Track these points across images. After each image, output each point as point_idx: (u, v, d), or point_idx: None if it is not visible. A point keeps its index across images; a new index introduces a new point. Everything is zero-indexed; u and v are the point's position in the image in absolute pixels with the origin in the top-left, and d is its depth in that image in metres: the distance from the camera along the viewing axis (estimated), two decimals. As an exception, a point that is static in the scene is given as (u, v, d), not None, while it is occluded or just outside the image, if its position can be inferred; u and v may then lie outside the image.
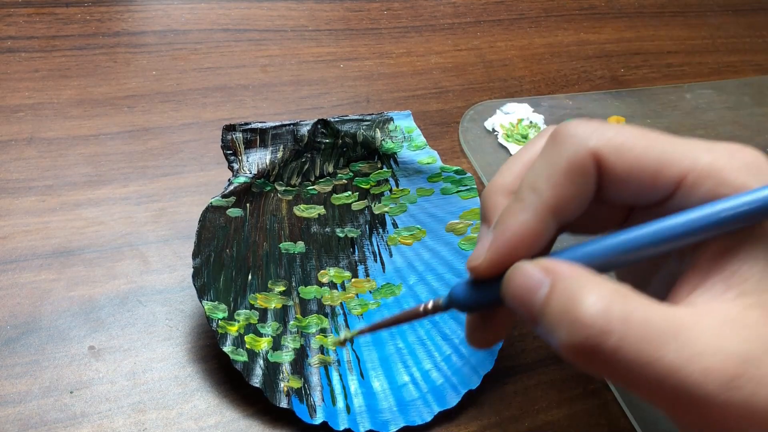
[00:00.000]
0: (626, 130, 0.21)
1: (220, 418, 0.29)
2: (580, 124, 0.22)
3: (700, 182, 0.21)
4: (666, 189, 0.21)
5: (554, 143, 0.22)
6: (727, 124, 0.49)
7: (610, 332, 0.19)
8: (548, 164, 0.22)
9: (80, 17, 0.43)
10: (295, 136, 0.33)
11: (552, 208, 0.21)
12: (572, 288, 0.20)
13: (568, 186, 0.21)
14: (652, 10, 0.57)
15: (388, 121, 0.34)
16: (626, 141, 0.21)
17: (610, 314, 0.19)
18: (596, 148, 0.21)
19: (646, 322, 0.19)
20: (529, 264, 0.21)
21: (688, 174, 0.21)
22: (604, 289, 0.19)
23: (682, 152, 0.21)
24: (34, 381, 0.29)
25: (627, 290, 0.20)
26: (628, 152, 0.21)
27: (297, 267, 0.32)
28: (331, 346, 0.31)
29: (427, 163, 0.34)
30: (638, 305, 0.19)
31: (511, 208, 0.22)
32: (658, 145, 0.21)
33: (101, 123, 0.38)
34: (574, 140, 0.21)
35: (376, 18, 0.49)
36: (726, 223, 0.20)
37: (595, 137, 0.21)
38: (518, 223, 0.21)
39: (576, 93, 0.48)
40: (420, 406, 0.30)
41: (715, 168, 0.21)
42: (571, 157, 0.21)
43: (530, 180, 0.22)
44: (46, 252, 0.33)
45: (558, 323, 0.20)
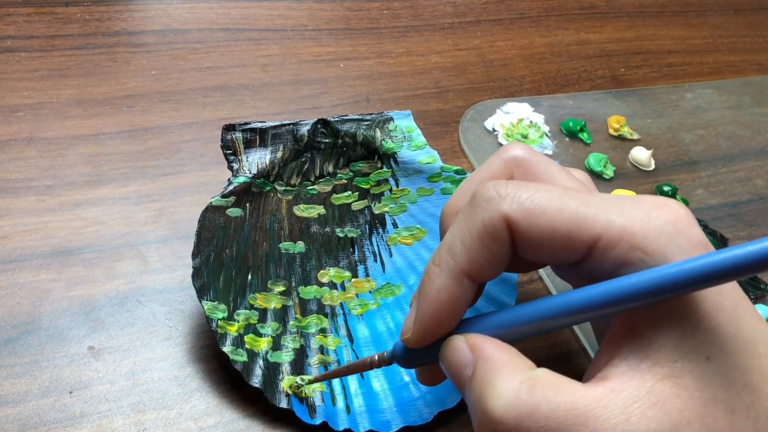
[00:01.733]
0: (541, 192, 0.22)
1: (220, 418, 0.29)
2: (496, 186, 0.22)
3: (612, 246, 0.20)
4: (579, 252, 0.21)
5: (471, 206, 0.22)
6: (728, 123, 0.49)
7: (518, 426, 0.19)
8: (463, 228, 0.22)
9: (80, 17, 0.43)
10: (294, 135, 0.33)
11: (467, 272, 0.22)
12: (486, 377, 0.21)
13: (481, 250, 0.22)
14: (652, 9, 0.57)
15: (388, 120, 0.34)
16: (538, 205, 0.21)
17: (517, 408, 0.20)
18: (508, 214, 0.21)
19: (553, 412, 0.19)
20: (460, 340, 0.22)
21: (600, 237, 0.21)
22: (516, 379, 0.20)
23: (595, 214, 0.21)
24: (34, 381, 0.29)
25: (540, 377, 0.20)
26: (539, 217, 0.21)
27: (297, 267, 0.32)
28: (330, 345, 0.31)
29: (427, 162, 0.34)
30: (546, 395, 0.20)
31: (429, 274, 0.23)
32: (572, 209, 0.21)
33: (101, 123, 0.38)
34: (488, 205, 0.22)
35: (376, 18, 0.49)
36: (637, 299, 0.20)
37: (508, 202, 0.21)
38: (436, 291, 0.22)
39: (576, 93, 0.48)
40: (420, 406, 0.30)
41: (628, 232, 0.20)
42: (485, 222, 0.22)
43: (447, 242, 0.22)
44: (46, 252, 0.33)
45: (474, 410, 0.21)
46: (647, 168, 0.44)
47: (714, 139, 0.48)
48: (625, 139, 0.46)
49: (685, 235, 0.20)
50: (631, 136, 0.46)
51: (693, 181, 0.44)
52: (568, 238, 0.21)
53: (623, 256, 0.20)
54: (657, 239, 0.20)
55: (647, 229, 0.20)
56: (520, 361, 0.21)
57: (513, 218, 0.21)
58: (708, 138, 0.48)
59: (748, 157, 0.47)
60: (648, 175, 0.44)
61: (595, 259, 0.21)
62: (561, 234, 0.21)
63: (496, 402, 0.20)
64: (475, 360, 0.21)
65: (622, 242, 0.20)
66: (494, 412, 0.20)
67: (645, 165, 0.44)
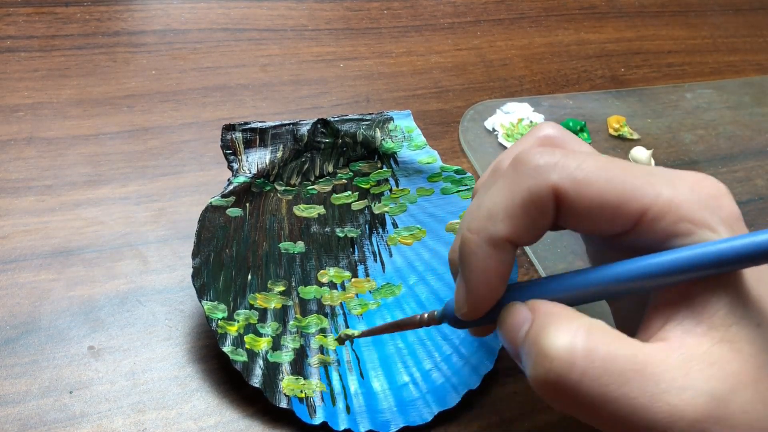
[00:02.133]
0: (589, 162, 0.21)
1: (220, 418, 0.29)
2: (543, 154, 0.21)
3: (660, 217, 0.20)
4: (626, 224, 0.21)
5: (515, 172, 0.21)
6: (728, 123, 0.49)
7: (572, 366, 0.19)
8: (506, 195, 0.21)
9: (80, 17, 0.43)
10: (294, 135, 0.33)
11: (508, 239, 0.21)
12: (543, 324, 0.20)
13: (524, 219, 0.21)
14: (652, 9, 0.57)
15: (388, 120, 0.34)
16: (587, 176, 0.21)
17: (573, 348, 0.19)
18: (557, 184, 0.21)
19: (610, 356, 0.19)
20: (520, 304, 0.22)
21: (648, 209, 0.21)
22: (572, 325, 0.20)
23: (642, 186, 0.21)
24: (34, 381, 0.29)
25: (597, 325, 0.20)
26: (588, 188, 0.21)
27: (297, 267, 0.32)
28: (330, 345, 0.31)
29: (427, 162, 0.34)
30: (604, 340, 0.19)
31: (470, 244, 0.22)
32: (619, 180, 0.21)
33: (101, 123, 0.38)
34: (535, 173, 0.21)
35: (376, 17, 0.49)
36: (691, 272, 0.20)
37: (557, 172, 0.21)
38: (482, 261, 0.22)
39: (576, 92, 0.48)
40: (420, 406, 0.30)
41: (674, 203, 0.20)
42: (531, 190, 0.21)
43: (487, 209, 0.22)
44: (46, 252, 0.33)
45: (527, 356, 0.20)
46: (647, 168, 0.44)
47: (714, 139, 0.48)
48: (625, 139, 0.46)
49: (726, 209, 0.21)
50: (631, 136, 0.46)
51: (693, 181, 0.44)
52: (617, 210, 0.21)
53: (671, 228, 0.20)
54: (701, 212, 0.20)
55: (692, 201, 0.21)
56: (577, 313, 0.21)
57: (562, 188, 0.21)
58: (708, 138, 0.48)
59: (748, 157, 0.47)
60: (648, 175, 0.44)
61: (641, 231, 0.21)
62: (610, 205, 0.21)
63: (552, 342, 0.19)
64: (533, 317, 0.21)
65: (671, 214, 0.20)
66: (550, 350, 0.19)
67: (645, 165, 0.44)
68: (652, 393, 0.19)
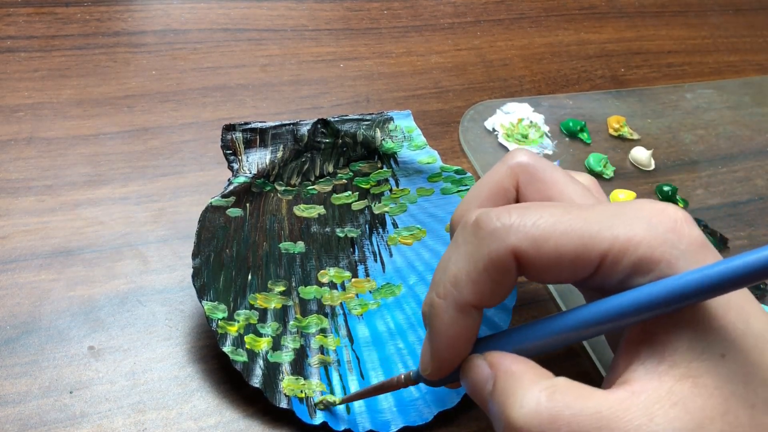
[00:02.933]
0: (545, 216, 0.21)
1: (220, 418, 0.29)
2: (500, 216, 0.22)
3: (619, 259, 0.21)
4: (587, 270, 0.21)
5: (475, 237, 0.22)
6: (728, 123, 0.49)
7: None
8: (469, 260, 0.22)
9: (80, 17, 0.43)
10: (294, 135, 0.33)
11: (473, 303, 0.22)
12: (506, 388, 0.21)
13: (488, 282, 0.22)
14: (652, 9, 0.57)
15: (388, 120, 0.34)
16: (543, 232, 0.21)
17: (539, 416, 0.20)
18: (515, 245, 0.21)
19: (575, 418, 0.19)
20: (479, 359, 0.23)
21: (607, 253, 0.21)
22: (535, 389, 0.20)
23: (599, 232, 0.21)
24: (34, 381, 0.29)
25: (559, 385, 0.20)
26: (545, 243, 0.21)
27: (297, 267, 0.32)
28: (330, 345, 0.31)
29: (427, 162, 0.34)
30: (567, 401, 0.20)
31: (435, 308, 0.23)
32: (576, 230, 0.21)
33: (101, 123, 0.38)
34: (493, 237, 0.21)
35: (376, 18, 0.49)
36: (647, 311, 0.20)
37: (513, 233, 0.21)
38: (446, 326, 0.22)
39: (576, 93, 0.48)
40: (420, 406, 0.30)
41: (632, 243, 0.21)
42: (491, 255, 0.21)
43: (452, 275, 0.22)
44: (46, 252, 0.33)
45: (497, 422, 0.21)
46: (647, 168, 0.44)
47: (714, 139, 0.48)
48: (625, 139, 0.46)
49: (686, 239, 0.21)
50: (631, 136, 0.46)
51: (693, 181, 0.44)
52: (576, 259, 0.21)
53: (631, 267, 0.21)
54: (661, 246, 0.20)
55: (650, 237, 0.21)
56: (538, 371, 0.21)
57: (520, 249, 0.21)
58: (708, 138, 0.48)
59: (748, 157, 0.47)
60: (648, 175, 0.44)
61: (603, 274, 0.21)
62: (569, 257, 0.21)
63: (518, 411, 0.20)
64: (494, 374, 0.22)
65: (628, 254, 0.21)
66: (517, 421, 0.20)
67: (645, 165, 0.44)
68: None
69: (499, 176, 0.26)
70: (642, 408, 0.19)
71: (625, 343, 0.22)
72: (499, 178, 0.26)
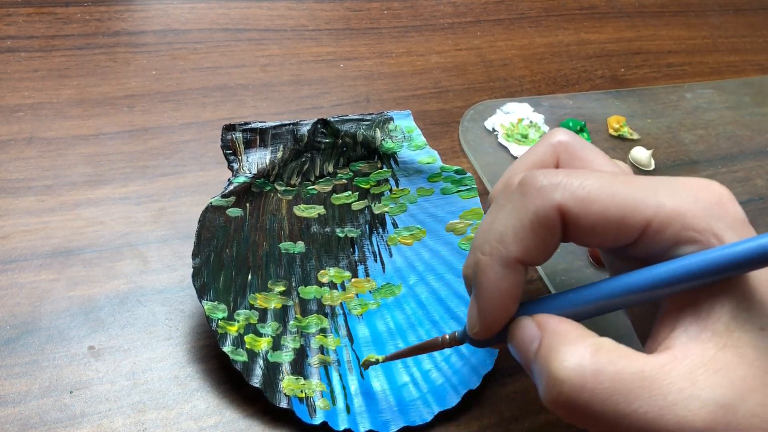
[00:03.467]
0: (591, 179, 0.22)
1: (220, 418, 0.29)
2: (546, 175, 0.22)
3: (664, 228, 0.21)
4: (631, 236, 0.22)
5: (521, 195, 0.22)
6: (728, 123, 0.49)
7: (582, 389, 0.20)
8: (515, 217, 0.22)
9: (80, 17, 0.43)
10: (294, 135, 0.33)
11: (519, 260, 0.22)
12: (552, 344, 0.21)
13: (533, 239, 0.22)
14: (652, 9, 0.57)
15: (388, 120, 0.34)
16: (590, 193, 0.21)
17: (582, 370, 0.20)
18: (561, 203, 0.21)
19: (618, 375, 0.20)
20: (527, 319, 0.23)
21: (652, 220, 0.21)
22: (579, 346, 0.20)
23: (645, 198, 0.21)
24: (34, 381, 0.29)
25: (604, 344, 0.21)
26: (591, 205, 0.21)
27: (297, 267, 0.32)
28: (330, 345, 0.31)
29: (427, 162, 0.34)
30: (611, 358, 0.20)
31: (481, 265, 0.23)
32: (622, 194, 0.21)
33: (101, 123, 0.38)
34: (540, 194, 0.22)
35: (376, 18, 0.49)
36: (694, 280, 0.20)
37: (560, 191, 0.21)
38: (494, 282, 0.22)
39: (576, 93, 0.48)
40: (420, 406, 0.30)
41: (678, 213, 0.21)
42: (537, 212, 0.22)
43: (498, 232, 0.22)
44: (46, 252, 0.33)
45: (538, 377, 0.21)
46: (647, 168, 0.44)
47: (714, 139, 0.48)
48: (625, 139, 0.46)
49: (730, 214, 0.21)
50: (631, 136, 0.46)
51: (693, 181, 0.44)
52: (621, 223, 0.21)
53: (675, 237, 0.21)
54: (705, 219, 0.21)
55: (696, 209, 0.21)
56: (584, 331, 0.21)
57: (566, 207, 0.21)
58: (708, 138, 0.48)
59: (748, 157, 0.47)
60: (648, 175, 0.44)
61: (646, 242, 0.21)
62: (614, 220, 0.21)
63: (561, 364, 0.20)
64: (541, 334, 0.22)
65: (674, 224, 0.21)
66: (559, 373, 0.20)
67: (645, 165, 0.44)
68: (660, 406, 0.19)
69: (540, 153, 0.27)
70: (685, 372, 0.20)
71: (666, 312, 0.22)
72: (541, 155, 0.27)
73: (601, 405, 0.19)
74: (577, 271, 0.37)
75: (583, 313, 0.23)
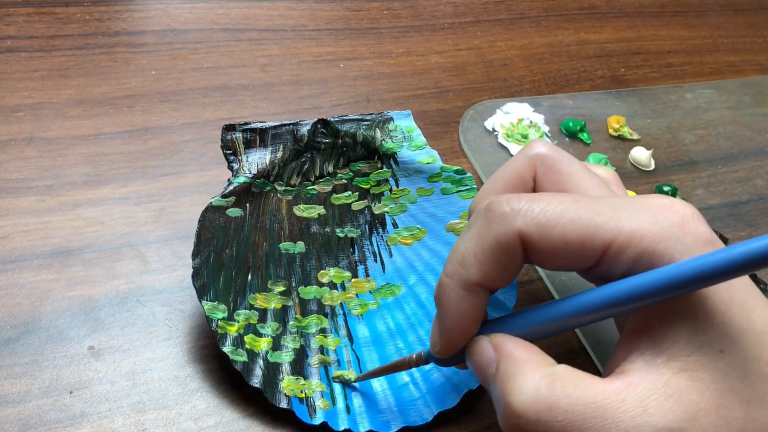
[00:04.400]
0: (553, 204, 0.22)
1: (220, 418, 0.29)
2: (510, 201, 0.22)
3: (622, 251, 0.21)
4: (591, 259, 0.22)
5: (485, 220, 0.23)
6: (728, 123, 0.49)
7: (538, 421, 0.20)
8: (476, 241, 0.23)
9: (80, 17, 0.43)
10: (294, 135, 0.33)
11: (478, 283, 0.23)
12: (508, 372, 0.22)
13: (494, 263, 0.22)
14: (652, 9, 0.57)
15: (388, 120, 0.34)
16: (550, 219, 0.22)
17: (537, 404, 0.20)
18: (522, 229, 0.22)
19: (572, 406, 0.20)
20: (484, 340, 0.23)
21: (611, 244, 0.21)
22: (536, 375, 0.21)
23: (605, 222, 0.21)
24: (34, 381, 0.29)
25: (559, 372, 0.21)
26: (552, 230, 0.22)
27: (297, 267, 0.32)
28: (330, 345, 0.31)
29: (427, 162, 0.34)
30: (565, 390, 0.20)
31: (443, 287, 0.23)
32: (582, 219, 0.22)
33: (101, 123, 0.38)
34: (502, 220, 0.22)
35: (376, 18, 0.49)
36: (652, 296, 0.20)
37: (521, 218, 0.22)
38: (454, 303, 0.23)
39: (576, 93, 0.48)
40: (420, 406, 0.30)
41: (636, 236, 0.21)
42: (498, 237, 0.22)
43: (460, 254, 0.23)
44: (46, 252, 0.33)
45: (497, 404, 0.22)
46: (647, 168, 0.44)
47: (714, 139, 0.48)
48: (625, 139, 0.46)
49: (691, 235, 0.21)
50: (631, 136, 0.46)
51: (693, 181, 0.44)
52: (581, 248, 0.22)
53: (633, 259, 0.21)
54: (665, 241, 0.21)
55: (655, 231, 0.21)
56: (540, 357, 0.22)
57: (527, 233, 0.22)
58: (708, 138, 0.48)
59: (748, 157, 0.47)
60: (648, 175, 0.44)
61: (607, 264, 0.22)
62: (574, 245, 0.22)
63: (517, 397, 0.21)
64: (498, 358, 0.22)
65: (632, 246, 0.21)
66: (516, 406, 0.21)
67: (645, 165, 0.44)
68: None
69: (517, 167, 0.27)
70: (637, 399, 0.20)
71: (626, 334, 0.22)
72: (518, 169, 0.27)
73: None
74: (577, 271, 0.37)
75: (541, 332, 0.23)
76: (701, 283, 0.20)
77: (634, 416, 0.20)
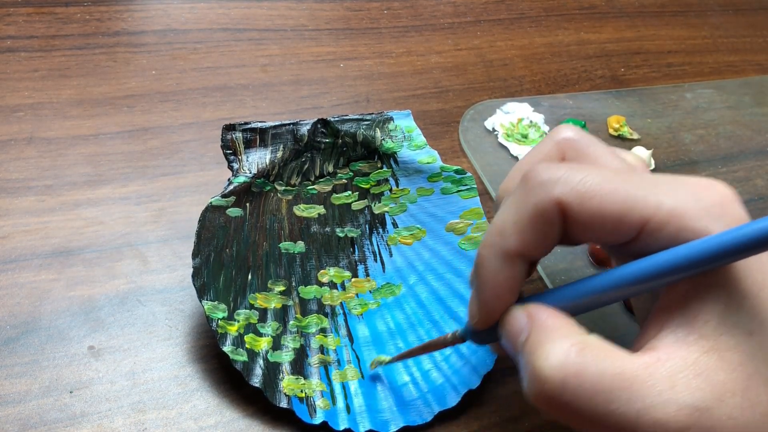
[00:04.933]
0: (593, 174, 0.22)
1: (220, 418, 0.29)
2: (548, 169, 0.22)
3: (662, 227, 0.21)
4: (629, 233, 0.22)
5: (523, 189, 0.22)
6: (728, 123, 0.49)
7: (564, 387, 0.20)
8: (515, 210, 0.22)
9: (80, 17, 0.43)
10: (294, 135, 0.33)
11: (518, 253, 0.22)
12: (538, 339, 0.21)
13: (533, 233, 0.22)
14: (652, 9, 0.57)
15: (388, 120, 0.34)
16: (589, 189, 0.21)
17: (565, 369, 0.20)
18: (560, 197, 0.21)
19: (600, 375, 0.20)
20: (518, 309, 0.23)
21: (650, 219, 0.21)
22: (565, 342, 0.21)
23: (644, 197, 0.21)
24: (34, 381, 0.29)
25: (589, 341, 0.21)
26: (590, 200, 0.21)
27: (297, 267, 0.32)
28: (330, 345, 0.31)
29: (427, 162, 0.34)
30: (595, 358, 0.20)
31: (482, 258, 0.23)
32: (622, 192, 0.21)
33: (101, 123, 0.38)
34: (541, 188, 0.22)
35: (376, 17, 0.49)
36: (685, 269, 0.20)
37: (561, 186, 0.22)
38: (492, 274, 0.23)
39: (576, 92, 0.48)
40: (420, 406, 0.30)
41: (676, 212, 0.21)
42: (537, 205, 0.22)
43: (498, 225, 0.23)
44: (46, 252, 0.33)
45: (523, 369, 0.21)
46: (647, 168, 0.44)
47: (714, 139, 0.48)
48: (625, 138, 0.46)
49: (729, 215, 0.21)
50: (631, 135, 0.46)
51: (693, 181, 0.44)
52: (619, 221, 0.21)
53: (672, 236, 0.21)
54: (703, 219, 0.21)
55: (695, 210, 0.21)
56: (572, 326, 0.22)
57: (565, 201, 0.21)
58: (708, 138, 0.48)
59: (748, 157, 0.47)
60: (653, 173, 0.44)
61: (644, 240, 0.21)
62: (612, 216, 0.21)
63: (545, 362, 0.20)
64: (530, 326, 0.22)
65: (671, 223, 0.21)
66: (542, 371, 0.20)
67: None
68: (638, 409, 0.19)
69: (546, 150, 0.27)
70: (666, 375, 0.20)
71: (657, 310, 0.22)
72: (546, 152, 0.27)
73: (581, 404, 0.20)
74: (578, 270, 0.37)
75: (578, 307, 0.23)
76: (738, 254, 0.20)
77: (662, 391, 0.19)
